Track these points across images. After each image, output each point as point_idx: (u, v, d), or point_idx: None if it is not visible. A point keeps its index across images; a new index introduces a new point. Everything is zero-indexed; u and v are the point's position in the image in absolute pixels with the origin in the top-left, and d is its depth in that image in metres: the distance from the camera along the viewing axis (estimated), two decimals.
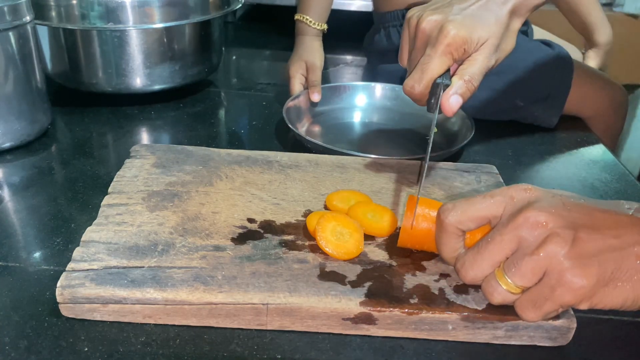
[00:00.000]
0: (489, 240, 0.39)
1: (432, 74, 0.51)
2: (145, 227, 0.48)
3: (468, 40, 0.50)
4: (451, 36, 0.50)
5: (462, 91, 0.50)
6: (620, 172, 0.72)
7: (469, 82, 0.50)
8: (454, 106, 0.50)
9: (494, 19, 0.51)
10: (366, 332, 0.42)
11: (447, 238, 0.42)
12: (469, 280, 0.41)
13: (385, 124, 0.81)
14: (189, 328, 0.42)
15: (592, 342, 0.43)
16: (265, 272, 0.44)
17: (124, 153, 0.63)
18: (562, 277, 0.36)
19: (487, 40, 0.51)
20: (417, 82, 0.51)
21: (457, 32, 0.50)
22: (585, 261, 0.35)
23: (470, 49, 0.51)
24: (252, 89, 0.95)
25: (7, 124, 0.66)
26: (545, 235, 0.36)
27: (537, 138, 0.80)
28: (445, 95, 0.50)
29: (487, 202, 0.40)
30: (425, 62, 0.51)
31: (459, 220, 0.41)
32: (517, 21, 0.52)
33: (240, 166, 0.60)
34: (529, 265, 0.37)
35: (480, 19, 0.51)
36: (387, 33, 0.93)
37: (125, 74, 0.80)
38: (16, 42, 0.65)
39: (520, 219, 0.37)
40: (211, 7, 0.85)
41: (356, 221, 0.49)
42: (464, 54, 0.51)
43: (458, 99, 0.50)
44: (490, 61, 0.51)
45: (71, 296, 0.41)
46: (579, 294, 0.36)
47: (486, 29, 0.51)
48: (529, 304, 0.38)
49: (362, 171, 0.61)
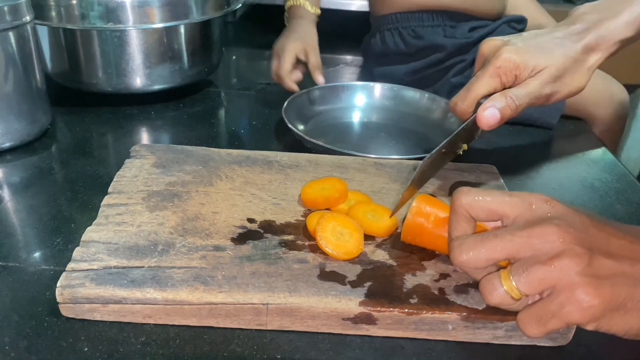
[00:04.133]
0: (496, 234, 0.37)
1: (476, 94, 0.51)
2: (145, 227, 0.48)
3: (520, 66, 0.50)
4: (502, 59, 0.50)
5: (501, 106, 0.49)
6: (620, 172, 0.72)
7: (509, 99, 0.49)
8: (488, 118, 0.49)
9: (561, 50, 0.51)
10: (366, 332, 0.42)
11: (456, 220, 0.41)
12: (458, 262, 0.39)
13: (384, 123, 0.81)
14: (189, 328, 0.42)
15: (592, 342, 0.43)
16: (265, 272, 0.44)
17: (124, 153, 0.63)
18: (572, 294, 0.34)
19: (544, 69, 0.50)
20: (461, 100, 0.52)
21: (509, 56, 0.50)
22: (599, 281, 0.34)
23: (523, 75, 0.50)
24: (252, 89, 0.95)
25: (7, 124, 0.66)
26: (560, 249, 0.35)
27: (537, 138, 0.80)
28: (482, 107, 0.50)
29: (504, 198, 0.39)
30: (473, 82, 0.52)
31: (470, 203, 0.39)
32: (594, 57, 0.51)
33: (240, 166, 0.60)
34: (538, 273, 0.35)
35: (543, 49, 0.51)
36: (382, 37, 0.93)
37: (125, 74, 0.80)
38: (16, 42, 0.65)
39: (537, 230, 0.36)
40: (211, 7, 0.85)
41: (356, 221, 0.49)
42: (515, 79, 0.51)
43: (494, 112, 0.49)
44: (543, 89, 0.50)
45: (71, 296, 0.41)
46: (588, 314, 0.34)
47: (546, 58, 0.50)
48: (533, 320, 0.37)
49: (362, 171, 0.61)
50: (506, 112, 0.50)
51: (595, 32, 0.51)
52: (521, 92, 0.50)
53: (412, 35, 0.90)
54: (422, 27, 0.89)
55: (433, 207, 0.46)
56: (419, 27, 0.89)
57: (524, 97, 0.50)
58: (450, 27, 0.88)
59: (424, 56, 0.89)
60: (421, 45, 0.89)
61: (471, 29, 0.88)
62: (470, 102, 0.52)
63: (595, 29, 0.51)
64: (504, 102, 0.50)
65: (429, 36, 0.88)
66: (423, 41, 0.89)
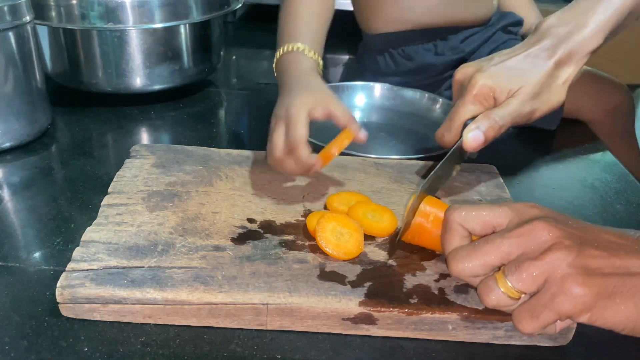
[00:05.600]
0: (487, 240, 0.39)
1: (459, 121, 0.52)
2: (145, 227, 0.48)
3: (497, 89, 0.51)
4: (478, 86, 0.51)
5: (484, 127, 0.50)
6: (620, 172, 0.72)
7: (492, 120, 0.51)
8: (472, 141, 0.50)
9: (535, 69, 0.52)
10: (366, 332, 0.42)
11: (451, 236, 0.42)
12: (455, 272, 0.40)
13: (384, 123, 0.81)
14: (189, 328, 0.42)
15: (592, 342, 0.43)
16: (265, 272, 0.44)
17: (124, 153, 0.63)
18: (563, 284, 0.35)
19: (520, 88, 0.51)
20: (447, 130, 0.54)
21: (484, 81, 0.51)
22: (589, 272, 0.35)
23: (501, 97, 0.52)
24: (252, 89, 0.95)
25: (7, 124, 0.66)
26: (550, 244, 0.36)
27: (537, 138, 0.80)
28: (467, 129, 0.51)
29: (494, 209, 0.40)
30: (454, 111, 0.53)
31: (464, 218, 0.41)
32: (567, 70, 0.52)
33: (240, 166, 0.60)
34: (530, 269, 0.36)
35: (515, 70, 0.52)
36: (373, 58, 0.93)
37: (125, 74, 0.80)
38: (16, 42, 0.65)
39: (526, 227, 0.37)
40: (211, 7, 0.85)
41: (356, 221, 0.49)
42: (495, 102, 0.52)
43: (478, 134, 0.50)
44: (524, 107, 0.51)
45: (71, 296, 0.41)
46: (579, 303, 0.35)
47: (520, 79, 0.51)
48: (527, 314, 0.37)
49: (362, 171, 0.61)
50: (490, 134, 0.51)
51: (564, 47, 0.52)
52: (503, 112, 0.51)
53: (402, 56, 0.89)
54: (412, 46, 0.88)
55: (433, 207, 0.46)
56: (409, 47, 0.88)
57: (506, 116, 0.51)
58: (441, 40, 0.87)
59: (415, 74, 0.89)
60: (412, 67, 0.88)
61: (463, 39, 0.87)
62: (456, 132, 0.53)
63: (564, 43, 0.52)
64: (487, 124, 0.51)
65: (419, 57, 0.87)
66: (414, 62, 0.88)
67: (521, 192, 0.65)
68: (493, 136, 0.51)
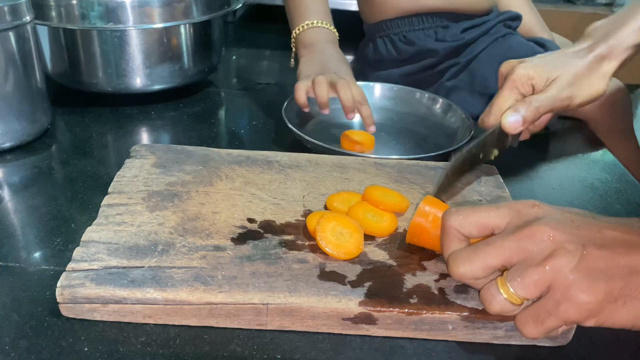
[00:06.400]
0: (488, 243, 0.38)
1: (499, 108, 0.55)
2: (145, 227, 0.48)
3: (535, 77, 0.54)
4: (517, 74, 0.55)
5: (523, 111, 0.53)
6: (620, 172, 0.72)
7: (530, 104, 0.53)
8: (511, 122, 0.53)
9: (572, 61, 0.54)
10: (366, 332, 0.42)
11: (448, 241, 0.42)
12: (456, 275, 0.40)
13: (385, 123, 0.81)
14: (189, 328, 0.42)
15: (592, 342, 0.43)
16: (265, 272, 0.44)
17: (124, 153, 0.63)
18: (567, 291, 0.35)
19: (558, 76, 0.54)
20: (486, 116, 0.57)
21: (523, 70, 0.54)
22: (593, 276, 0.34)
23: (540, 84, 0.54)
24: (252, 89, 0.95)
25: (7, 124, 0.66)
26: (552, 249, 0.36)
27: (536, 138, 0.80)
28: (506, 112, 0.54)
29: (492, 211, 0.40)
30: (495, 98, 0.56)
31: (460, 223, 0.41)
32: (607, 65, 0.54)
33: (240, 166, 0.60)
34: (533, 276, 0.36)
35: (554, 61, 0.55)
36: (374, 45, 0.93)
37: (125, 74, 0.80)
38: (16, 42, 0.65)
39: (527, 231, 0.37)
40: (211, 7, 0.85)
41: (356, 221, 0.49)
42: (533, 90, 0.55)
43: (516, 116, 0.53)
44: (561, 93, 0.54)
45: (71, 296, 0.41)
46: (584, 310, 0.35)
47: (558, 69, 0.54)
48: (530, 319, 0.37)
49: (362, 171, 0.61)
50: (528, 116, 0.53)
51: (604, 44, 0.54)
52: (541, 97, 0.54)
53: (403, 41, 0.90)
54: (413, 31, 0.89)
55: (433, 207, 0.46)
56: (410, 32, 0.89)
57: (543, 100, 0.54)
58: (442, 28, 0.88)
59: (416, 61, 0.89)
60: (413, 51, 0.89)
61: (463, 29, 0.87)
62: (495, 117, 0.56)
63: (604, 41, 0.54)
64: (525, 107, 0.53)
65: (420, 41, 0.88)
66: (414, 47, 0.89)
67: (521, 192, 0.65)
68: (532, 119, 0.54)
